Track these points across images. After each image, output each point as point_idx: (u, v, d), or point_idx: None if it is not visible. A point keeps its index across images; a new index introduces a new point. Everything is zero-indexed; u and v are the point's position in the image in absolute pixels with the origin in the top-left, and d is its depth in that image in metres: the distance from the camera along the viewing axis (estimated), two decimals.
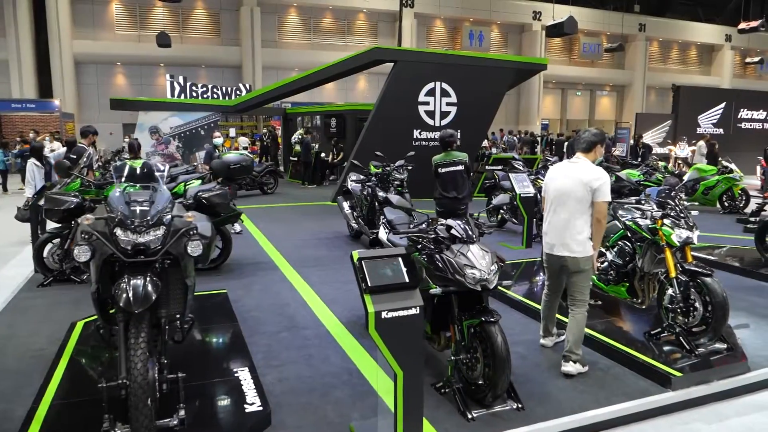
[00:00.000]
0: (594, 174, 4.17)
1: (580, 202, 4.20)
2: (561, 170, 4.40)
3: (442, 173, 7.04)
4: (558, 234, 4.30)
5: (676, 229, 4.67)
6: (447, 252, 3.89)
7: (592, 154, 4.35)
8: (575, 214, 4.21)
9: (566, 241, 4.25)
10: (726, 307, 4.41)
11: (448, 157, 7.09)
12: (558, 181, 4.36)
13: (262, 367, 4.45)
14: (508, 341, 4.51)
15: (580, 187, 4.17)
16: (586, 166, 4.25)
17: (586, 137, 4.38)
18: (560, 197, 4.29)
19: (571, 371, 4.28)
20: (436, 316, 4.10)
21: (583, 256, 4.21)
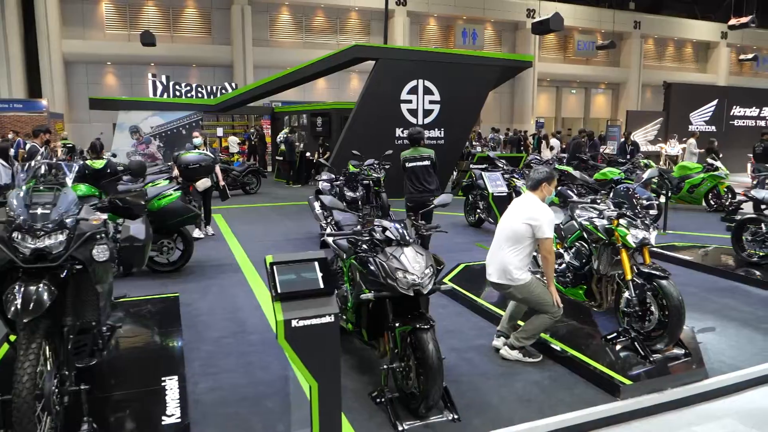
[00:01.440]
0: (535, 212, 4.27)
1: (519, 240, 4.31)
2: (512, 205, 4.60)
3: (409, 168, 7.22)
4: (496, 266, 4.42)
5: (631, 230, 4.47)
6: (380, 255, 3.70)
7: (539, 192, 4.45)
8: (513, 250, 4.32)
9: (504, 270, 4.34)
10: (681, 311, 4.21)
11: (415, 152, 7.27)
12: (505, 216, 4.53)
13: (198, 375, 4.26)
14: (462, 346, 4.36)
15: (521, 225, 4.27)
16: (531, 203, 4.37)
17: (533, 176, 4.50)
18: (501, 231, 4.45)
19: (503, 353, 4.42)
20: (372, 323, 3.90)
21: (519, 284, 4.32)
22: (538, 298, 4.34)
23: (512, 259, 4.31)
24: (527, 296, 4.36)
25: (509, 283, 4.35)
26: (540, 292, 4.36)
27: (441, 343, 4.84)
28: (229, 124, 27.04)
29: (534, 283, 4.36)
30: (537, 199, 4.40)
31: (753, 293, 6.42)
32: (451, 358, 4.55)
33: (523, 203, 4.46)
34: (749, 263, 7.22)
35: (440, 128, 13.79)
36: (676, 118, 19.88)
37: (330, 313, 2.98)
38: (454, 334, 5.10)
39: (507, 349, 4.46)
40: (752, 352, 4.74)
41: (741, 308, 5.87)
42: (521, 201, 4.52)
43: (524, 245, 4.31)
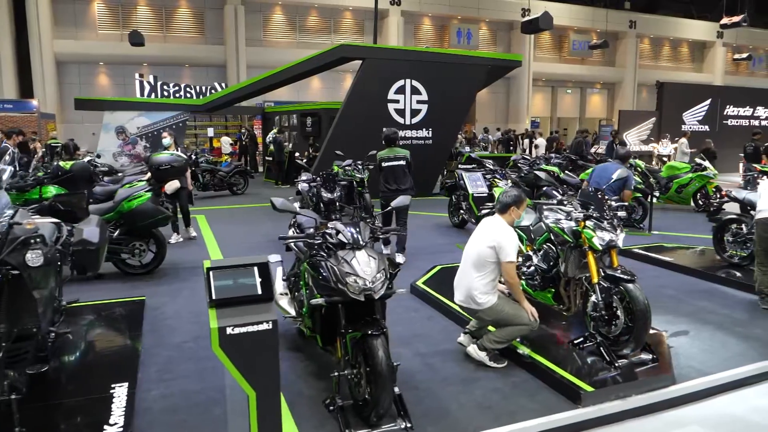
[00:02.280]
0: (499, 235, 4.22)
1: (484, 264, 4.26)
2: (479, 227, 4.53)
3: (385, 167, 7.45)
4: (462, 290, 4.38)
5: (598, 232, 4.36)
6: (332, 259, 3.59)
7: (508, 215, 4.40)
8: (478, 275, 4.27)
9: (469, 296, 4.31)
10: (647, 316, 4.10)
11: (391, 152, 7.52)
12: (472, 238, 4.47)
13: (152, 381, 4.16)
14: (428, 351, 4.25)
15: (485, 248, 4.24)
16: (497, 226, 4.31)
17: (502, 199, 4.45)
18: (467, 255, 4.39)
19: (470, 351, 4.37)
20: (326, 328, 3.79)
21: (486, 307, 4.27)
22: (510, 316, 4.30)
23: (477, 284, 4.28)
24: (497, 317, 4.31)
25: (477, 308, 4.32)
26: (509, 310, 4.31)
27: (407, 347, 4.79)
28: (222, 124, 26.94)
29: (501, 304, 4.32)
30: (504, 223, 4.36)
31: (731, 295, 6.31)
32: (414, 364, 4.45)
33: (489, 226, 4.40)
34: (730, 264, 7.11)
35: (428, 128, 13.68)
36: (669, 118, 19.77)
37: (268, 320, 2.87)
38: (421, 338, 4.99)
39: (476, 349, 4.38)
40: (724, 356, 4.63)
41: (718, 311, 5.76)
42: (488, 223, 4.45)
43: (489, 270, 4.28)
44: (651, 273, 7.22)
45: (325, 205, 7.62)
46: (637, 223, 9.97)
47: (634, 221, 10.03)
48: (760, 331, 5.19)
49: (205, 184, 13.77)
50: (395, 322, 5.39)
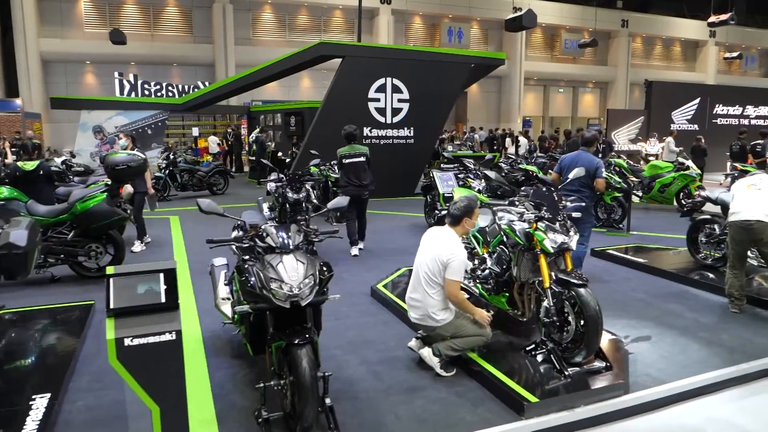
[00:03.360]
0: (447, 251, 4.05)
1: (437, 279, 4.08)
2: (426, 238, 4.31)
3: (346, 164, 7.68)
4: (417, 308, 4.20)
5: (550, 234, 4.17)
6: (258, 263, 3.40)
7: (461, 226, 4.22)
8: (432, 291, 4.11)
9: (426, 314, 4.15)
10: (598, 322, 3.91)
11: (352, 149, 7.76)
12: (420, 252, 4.26)
13: (81, 392, 3.97)
14: (375, 358, 4.07)
15: (434, 263, 4.08)
16: (445, 240, 4.13)
17: (452, 211, 4.25)
18: (418, 270, 4.20)
19: (424, 354, 4.18)
20: (256, 336, 3.60)
21: (445, 323, 4.12)
22: (467, 331, 4.17)
23: (432, 301, 4.11)
24: (455, 332, 4.17)
25: (434, 325, 4.15)
26: (467, 324, 4.19)
27: (355, 354, 4.60)
28: (211, 123, 26.76)
29: (459, 317, 4.19)
30: (454, 236, 4.19)
31: (702, 298, 6.13)
32: (359, 372, 4.27)
33: (437, 237, 4.22)
34: (704, 266, 6.94)
35: (409, 127, 13.50)
36: (658, 117, 19.58)
37: (171, 330, 2.69)
38: (372, 344, 4.80)
39: (430, 353, 4.18)
40: (684, 363, 4.45)
41: (685, 315, 5.58)
42: (436, 235, 4.26)
43: (443, 285, 4.11)
44: (623, 275, 7.06)
45: (291, 206, 7.43)
46: (617, 223, 9.80)
47: (613, 221, 9.87)
48: (725, 337, 5.01)
49: (183, 184, 13.57)
50: (349, 327, 5.22)
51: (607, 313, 5.52)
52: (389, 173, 12.94)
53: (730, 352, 4.66)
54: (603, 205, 9.93)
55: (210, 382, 4.12)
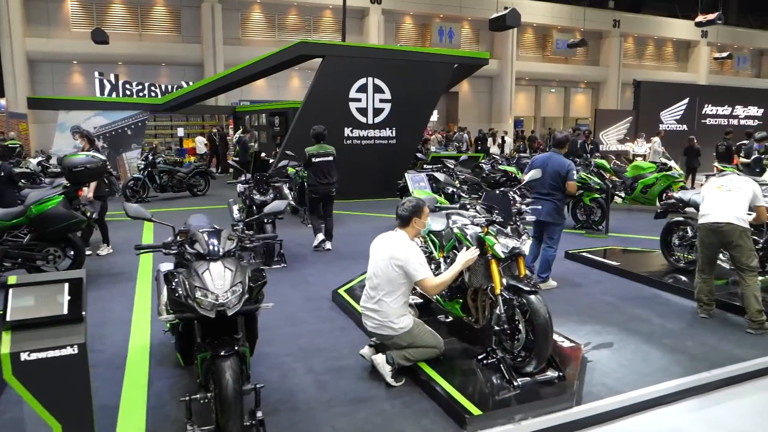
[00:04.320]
0: (401, 253, 3.92)
1: (393, 285, 3.92)
2: (376, 244, 4.16)
3: (315, 162, 7.86)
4: (374, 316, 4.02)
5: (501, 239, 4.01)
6: (185, 271, 3.25)
7: (411, 228, 4.07)
8: (389, 297, 3.94)
9: (383, 323, 4.00)
10: (548, 330, 3.76)
11: (321, 149, 7.98)
12: (372, 258, 4.10)
13: (5, 404, 3.80)
14: (323, 368, 3.96)
15: (391, 270, 3.92)
16: (396, 243, 3.98)
17: (400, 212, 4.09)
18: (373, 277, 4.03)
19: (376, 359, 4.05)
20: (185, 346, 3.44)
21: (403, 332, 3.97)
22: (424, 340, 4.05)
23: (391, 308, 3.96)
24: (412, 341, 4.02)
25: (392, 333, 3.99)
26: (424, 335, 4.07)
27: (304, 362, 4.45)
28: (199, 124, 26.59)
29: (417, 327, 4.05)
30: (404, 238, 4.03)
31: (672, 303, 5.99)
32: (303, 382, 4.12)
33: (387, 242, 4.07)
34: (677, 269, 6.80)
35: (391, 127, 13.35)
36: (647, 117, 19.49)
37: (73, 344, 2.53)
38: (324, 352, 4.64)
39: (383, 361, 4.02)
40: (643, 372, 4.30)
41: (652, 320, 5.44)
42: (386, 240, 4.11)
43: (400, 292, 3.97)
44: (595, 278, 6.92)
45: (258, 208, 7.27)
46: (596, 224, 9.67)
47: (592, 223, 9.73)
48: (690, 343, 4.87)
49: (162, 185, 13.40)
50: (303, 333, 5.07)
51: (571, 319, 5.44)
52: (371, 174, 12.81)
53: (693, 360, 4.52)
54: (582, 207, 9.80)
55: (147, 392, 3.97)
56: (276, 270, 7.20)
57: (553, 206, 6.02)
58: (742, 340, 4.96)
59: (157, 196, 13.69)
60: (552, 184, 6.03)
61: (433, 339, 4.10)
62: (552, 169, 5.96)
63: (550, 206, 6.00)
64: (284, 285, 6.57)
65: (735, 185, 5.47)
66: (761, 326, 5.10)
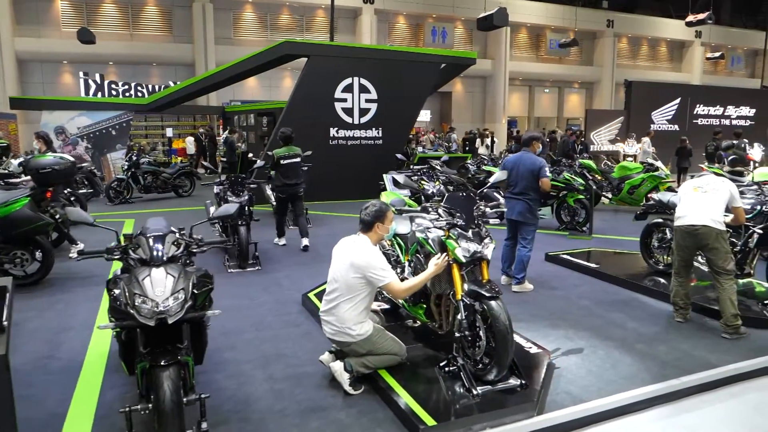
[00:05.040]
0: (363, 260, 3.79)
1: (353, 292, 3.79)
2: (338, 249, 4.04)
3: (283, 164, 7.97)
4: (332, 322, 3.90)
5: (462, 242, 3.89)
6: (125, 277, 3.13)
7: (374, 233, 3.94)
8: (348, 304, 3.82)
9: (341, 329, 3.87)
10: (508, 338, 3.65)
11: (289, 150, 8.07)
12: (333, 263, 3.99)
13: None
14: (282, 375, 3.96)
15: (352, 277, 3.77)
16: (358, 249, 3.84)
17: (363, 217, 3.98)
18: (333, 282, 3.92)
19: (334, 367, 3.93)
20: (129, 355, 3.32)
21: (362, 339, 3.85)
22: (384, 348, 3.94)
23: (349, 315, 3.83)
24: (372, 348, 3.90)
25: (350, 340, 3.87)
26: (385, 342, 3.95)
27: (264, 369, 4.33)
28: (190, 124, 26.43)
29: (376, 334, 3.93)
30: (366, 243, 3.91)
31: (648, 306, 5.88)
32: (259, 390, 3.99)
33: (349, 248, 3.94)
34: (656, 271, 6.69)
35: (378, 128, 13.23)
36: (638, 117, 19.39)
37: None
38: (285, 358, 4.52)
39: (341, 368, 3.92)
40: (611, 379, 4.19)
41: (626, 325, 5.32)
42: (348, 245, 3.98)
43: (360, 298, 3.85)
44: (573, 281, 6.81)
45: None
46: (580, 226, 9.56)
47: (577, 224, 9.62)
48: (663, 349, 4.76)
49: (147, 186, 13.26)
50: (267, 339, 4.95)
51: (543, 323, 5.34)
52: (357, 175, 12.68)
53: (664, 367, 4.40)
54: (566, 208, 9.69)
55: (98, 401, 3.85)
56: (250, 272, 7.08)
57: (525, 206, 5.95)
58: (716, 346, 4.85)
59: (141, 197, 13.55)
60: (525, 183, 5.96)
61: (395, 346, 3.99)
62: (524, 168, 5.89)
63: (523, 206, 5.94)
64: (256, 288, 6.46)
65: (711, 186, 5.35)
66: (736, 331, 5.00)
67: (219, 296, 6.19)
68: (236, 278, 6.87)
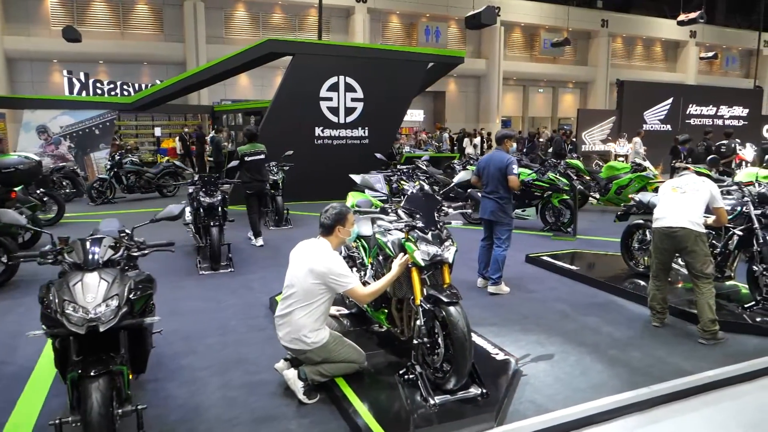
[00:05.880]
0: (322, 266, 3.63)
1: (310, 297, 3.62)
2: (296, 252, 3.88)
3: (248, 161, 8.14)
4: (286, 328, 3.73)
5: (421, 245, 3.73)
6: (57, 282, 2.97)
7: (334, 237, 3.78)
8: (304, 311, 3.65)
9: (296, 337, 3.67)
10: (465, 344, 3.49)
11: (253, 147, 8.27)
12: (291, 266, 3.82)
13: None
14: (238, 382, 3.88)
15: (309, 283, 3.61)
16: (317, 254, 3.67)
17: (323, 220, 3.81)
18: (289, 287, 3.74)
19: (287, 375, 3.78)
20: (64, 363, 3.16)
21: (317, 346, 3.68)
22: (340, 355, 3.78)
23: (304, 321, 3.67)
24: (328, 356, 3.74)
25: (304, 348, 3.71)
26: (342, 349, 3.79)
27: (221, 376, 4.16)
28: (182, 123, 26.23)
29: (333, 341, 3.76)
30: (326, 247, 3.75)
31: (626, 309, 5.73)
32: (212, 399, 3.84)
33: (308, 252, 3.77)
34: (636, 274, 6.55)
35: (364, 127, 13.08)
36: (630, 117, 19.26)
37: None
38: (244, 364, 4.37)
39: (295, 376, 3.77)
40: (579, 387, 4.03)
41: (601, 329, 5.17)
42: (307, 249, 3.81)
43: (317, 304, 3.69)
44: (552, 283, 6.66)
45: (205, 211, 6.98)
46: (565, 227, 9.41)
47: (561, 225, 9.48)
48: (637, 355, 4.61)
49: (130, 186, 13.08)
50: (229, 343, 4.80)
51: (515, 328, 5.19)
52: (342, 175, 12.46)
53: (635, 374, 4.25)
54: (551, 208, 9.55)
55: (41, 410, 3.69)
56: (222, 274, 6.92)
57: (496, 205, 5.85)
58: (692, 352, 4.70)
59: (125, 197, 13.38)
60: (495, 182, 5.85)
61: (353, 353, 3.83)
62: (494, 166, 5.78)
63: (494, 205, 5.84)
64: (225, 290, 6.30)
65: (691, 187, 5.20)
66: (714, 336, 4.85)
67: (186, 299, 6.08)
68: (207, 280, 6.72)
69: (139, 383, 3.96)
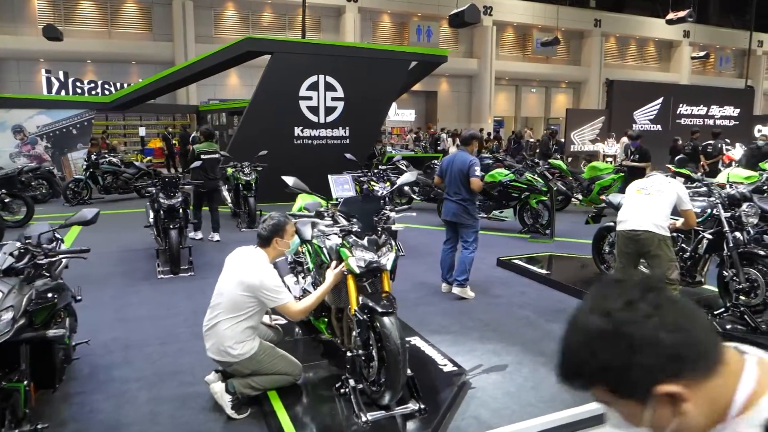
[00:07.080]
0: (255, 276, 3.40)
1: (237, 310, 3.40)
2: (230, 261, 3.63)
3: (204, 159, 8.22)
4: (212, 339, 3.52)
5: (356, 251, 3.53)
6: None
7: (272, 248, 3.55)
8: (230, 322, 3.43)
9: (221, 348, 3.50)
10: (399, 357, 3.28)
11: (209, 146, 8.48)
12: (222, 276, 3.58)
13: None
14: (169, 394, 3.79)
15: (238, 295, 3.38)
16: (250, 266, 3.43)
17: (260, 232, 3.58)
18: (217, 296, 3.52)
19: (214, 388, 3.58)
20: None
21: (244, 358, 3.46)
22: (272, 367, 3.57)
23: (229, 333, 3.45)
24: (258, 368, 3.53)
25: (230, 360, 3.50)
26: (273, 361, 3.58)
27: (152, 389, 3.95)
28: (170, 123, 26.01)
29: (261, 353, 3.54)
30: (262, 259, 3.52)
31: None
32: (137, 413, 3.63)
33: (241, 261, 3.55)
34: None
35: (344, 127, 12.86)
36: (620, 117, 19.05)
37: None
38: (179, 375, 4.16)
39: (222, 390, 3.56)
40: (529, 402, 3.82)
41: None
42: (241, 257, 3.59)
43: (245, 316, 3.47)
44: (520, 288, 6.45)
45: (165, 213, 6.77)
46: (543, 229, 9.21)
47: (540, 227, 9.28)
48: None
49: (106, 186, 12.84)
50: (168, 353, 4.58)
51: (473, 336, 4.97)
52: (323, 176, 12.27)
53: None
54: (529, 210, 9.35)
55: None
56: (181, 279, 6.71)
57: (458, 207, 5.67)
58: None
59: (102, 197, 13.14)
60: (457, 183, 5.66)
61: (286, 365, 3.62)
62: (456, 167, 5.59)
63: (456, 207, 5.68)
64: (180, 296, 6.09)
65: (656, 188, 5.00)
66: None
67: (137, 305, 5.86)
68: (164, 285, 6.50)
69: (63, 396, 3.75)
